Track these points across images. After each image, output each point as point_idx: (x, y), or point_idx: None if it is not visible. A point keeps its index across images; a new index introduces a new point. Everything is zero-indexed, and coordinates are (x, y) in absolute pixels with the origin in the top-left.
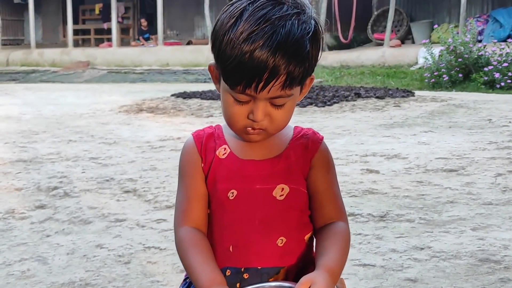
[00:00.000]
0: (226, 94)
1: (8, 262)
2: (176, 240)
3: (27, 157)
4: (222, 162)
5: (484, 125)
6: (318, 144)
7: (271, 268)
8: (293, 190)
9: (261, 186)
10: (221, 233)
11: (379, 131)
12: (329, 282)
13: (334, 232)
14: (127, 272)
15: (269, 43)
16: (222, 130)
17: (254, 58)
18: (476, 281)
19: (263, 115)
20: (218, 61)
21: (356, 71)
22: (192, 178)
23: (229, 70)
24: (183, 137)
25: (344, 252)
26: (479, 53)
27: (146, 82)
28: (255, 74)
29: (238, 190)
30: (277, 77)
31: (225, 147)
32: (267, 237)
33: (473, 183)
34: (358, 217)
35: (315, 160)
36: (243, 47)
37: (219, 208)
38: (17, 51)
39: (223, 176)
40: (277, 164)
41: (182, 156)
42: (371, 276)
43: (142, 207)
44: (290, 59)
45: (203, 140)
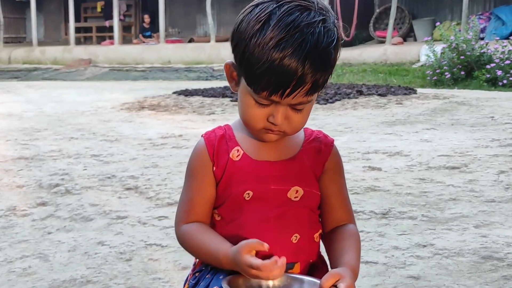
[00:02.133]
0: (247, 96)
1: (9, 259)
2: (178, 237)
3: (29, 155)
4: (236, 165)
5: (487, 122)
6: (330, 148)
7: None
8: (306, 192)
9: (276, 186)
10: (238, 233)
11: (381, 129)
12: (353, 279)
13: (349, 234)
14: (128, 269)
15: (299, 51)
16: (232, 130)
17: (283, 66)
18: (479, 278)
19: (283, 119)
20: (243, 64)
21: (358, 69)
22: (200, 181)
23: (256, 75)
24: (184, 135)
25: (359, 253)
26: (481, 51)
27: (148, 80)
28: (283, 81)
29: (253, 190)
30: (303, 85)
31: (238, 148)
32: (283, 234)
33: (475, 181)
34: (360, 214)
35: (328, 164)
36: (273, 54)
37: (235, 210)
38: (19, 49)
39: (239, 178)
40: (291, 166)
41: (192, 158)
42: (373, 273)
43: (144, 204)
44: (317, 68)
45: (215, 144)
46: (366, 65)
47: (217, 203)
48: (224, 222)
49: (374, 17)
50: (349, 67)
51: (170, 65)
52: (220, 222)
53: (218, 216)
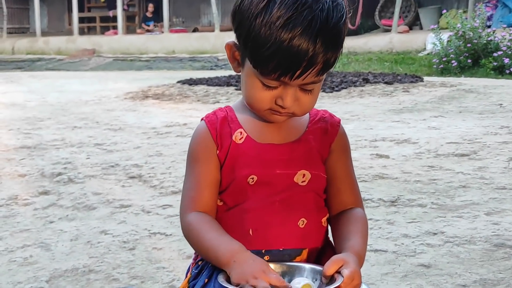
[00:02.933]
0: (252, 78)
1: (11, 249)
2: (183, 225)
3: (31, 144)
4: (239, 148)
5: (495, 109)
6: (337, 128)
7: (293, 249)
8: (314, 176)
9: (282, 171)
10: (242, 218)
11: (388, 116)
12: (358, 264)
13: (355, 218)
14: (132, 258)
15: (309, 30)
16: (234, 112)
17: (293, 46)
18: (492, 266)
19: (293, 101)
20: (248, 45)
21: (363, 58)
22: (205, 164)
23: (264, 57)
24: (189, 123)
25: (366, 239)
26: (488, 39)
27: (152, 69)
28: (293, 63)
29: (258, 175)
30: (315, 66)
31: (241, 131)
32: (289, 218)
33: (485, 168)
34: (369, 202)
35: (335, 145)
36: (281, 34)
37: (239, 194)
38: (23, 39)
39: (242, 162)
40: (297, 149)
41: (194, 142)
42: (383, 261)
43: (148, 192)
44: (328, 46)
45: (217, 126)
46: (371, 54)
47: (220, 188)
48: (226, 207)
49: (380, 6)
50: (355, 56)
51: (175, 54)
52: (222, 207)
53: (220, 201)
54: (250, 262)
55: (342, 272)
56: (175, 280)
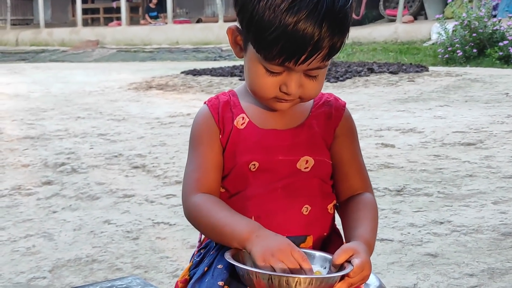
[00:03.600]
0: (255, 64)
1: (13, 239)
2: (189, 206)
3: (35, 134)
4: (241, 133)
5: (501, 99)
6: (341, 112)
7: (297, 237)
8: (318, 162)
9: (284, 157)
10: (243, 205)
11: (394, 106)
12: (368, 253)
13: (364, 203)
14: (135, 248)
15: (315, 13)
16: (237, 97)
17: (298, 31)
18: (500, 255)
19: (297, 88)
20: (251, 29)
21: (368, 48)
22: (209, 147)
23: (268, 41)
24: (192, 113)
25: (376, 225)
26: (494, 28)
27: (155, 60)
28: (298, 47)
29: (259, 161)
30: (320, 51)
31: (243, 116)
32: (291, 205)
33: (492, 157)
34: (374, 191)
35: (340, 129)
36: (286, 18)
37: (240, 180)
38: (26, 31)
39: (243, 148)
40: (300, 134)
41: (197, 125)
42: (389, 251)
43: (151, 182)
44: (334, 31)
45: (219, 110)
46: (376, 44)
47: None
48: (228, 194)
49: None
50: (359, 46)
51: (178, 45)
52: (224, 194)
53: (222, 188)
54: (273, 236)
55: (353, 262)
56: (178, 270)
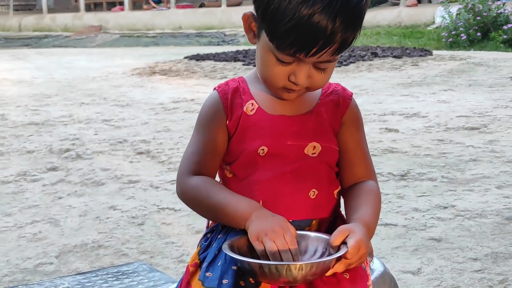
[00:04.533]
0: (267, 52)
1: (20, 225)
2: (186, 188)
3: (39, 120)
4: (250, 119)
5: (506, 83)
6: (348, 101)
7: (303, 220)
8: (325, 148)
9: (293, 142)
10: (251, 189)
11: (397, 90)
12: (366, 234)
13: (366, 190)
14: (141, 233)
15: (330, 8)
16: (246, 83)
17: (312, 23)
18: (503, 240)
19: (306, 78)
20: (266, 19)
21: (371, 32)
22: (212, 133)
23: (281, 31)
24: (196, 99)
25: (377, 210)
26: (498, 11)
27: (159, 45)
28: (311, 40)
29: (268, 146)
30: (332, 45)
31: (253, 102)
32: (299, 189)
33: (496, 141)
34: (378, 176)
35: (346, 118)
36: (301, 10)
37: (249, 165)
38: (29, 16)
39: (253, 134)
40: (308, 121)
41: (204, 110)
42: (393, 235)
43: (156, 168)
44: (347, 26)
45: (229, 96)
46: (380, 28)
47: (229, 159)
48: (237, 179)
49: None
50: (363, 30)
51: (181, 30)
52: (233, 179)
53: (230, 173)
54: (270, 217)
55: (348, 242)
56: (184, 255)
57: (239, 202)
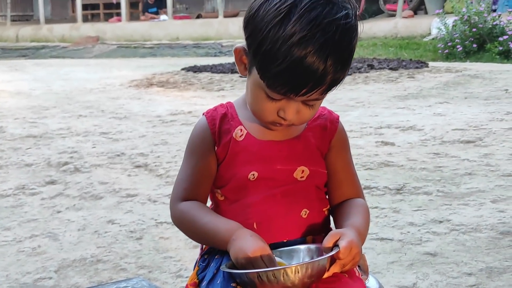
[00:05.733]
0: (257, 88)
1: (19, 239)
2: (175, 214)
3: (37, 133)
4: (239, 144)
5: (501, 95)
6: (336, 125)
7: (297, 239)
8: (313, 171)
9: (282, 167)
10: (244, 212)
11: (394, 103)
12: (357, 236)
13: (355, 203)
14: (139, 248)
15: (321, 51)
16: (235, 109)
17: (304, 65)
18: (498, 254)
19: (294, 115)
20: (258, 58)
21: (368, 43)
22: (202, 158)
23: (273, 72)
24: (194, 111)
25: (367, 220)
26: (494, 23)
27: (156, 56)
28: (302, 81)
29: (258, 171)
30: (322, 85)
31: (241, 128)
32: (291, 210)
33: (491, 155)
34: (374, 190)
35: (334, 141)
36: (293, 52)
37: (240, 189)
38: (27, 27)
39: (243, 159)
40: (297, 145)
41: (193, 136)
42: (389, 250)
43: (154, 182)
44: (337, 68)
45: (217, 122)
46: (376, 39)
47: (219, 184)
48: (229, 201)
49: None
50: (359, 41)
51: (178, 41)
52: (225, 201)
53: (222, 196)
54: (248, 238)
55: (339, 243)
56: (182, 270)
57: (219, 226)
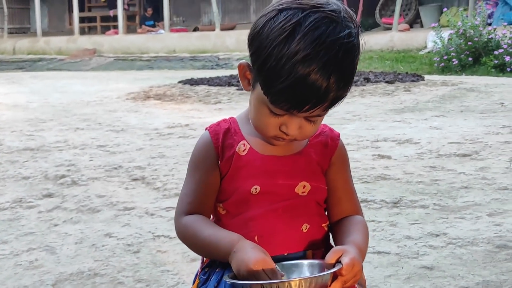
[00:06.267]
0: (261, 104)
1: (16, 252)
2: (179, 228)
3: (34, 146)
4: (242, 159)
5: (497, 109)
6: (337, 142)
7: (298, 253)
8: (314, 187)
9: (284, 181)
10: (246, 225)
11: (390, 116)
12: (359, 255)
13: (355, 221)
14: (136, 261)
15: (324, 69)
16: (237, 124)
17: (308, 83)
18: (495, 268)
19: (297, 130)
20: (262, 73)
21: (364, 56)
22: (205, 173)
23: (277, 89)
24: (191, 124)
25: (367, 238)
26: (489, 36)
27: (153, 69)
28: (305, 98)
29: (261, 185)
30: (325, 102)
31: (244, 142)
32: (292, 224)
33: (487, 168)
34: (371, 203)
35: (335, 158)
36: (298, 69)
37: (242, 203)
38: (24, 39)
39: (246, 173)
40: (298, 161)
41: (197, 150)
42: (386, 263)
43: (151, 195)
44: (340, 85)
45: (220, 137)
46: (372, 52)
47: (221, 198)
48: (230, 215)
49: (380, 4)
50: None
51: (175, 54)
52: (226, 215)
53: (223, 210)
54: (249, 249)
55: (342, 260)
56: (179, 284)
57: (221, 238)
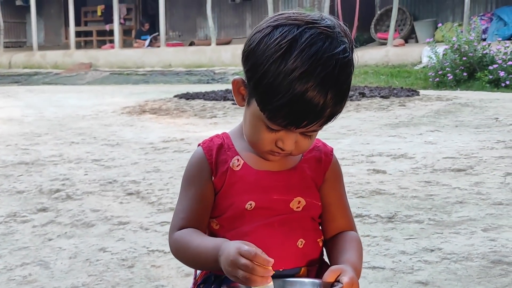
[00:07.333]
0: (257, 119)
1: (10, 267)
2: (172, 244)
3: (29, 160)
4: (236, 174)
5: (491, 124)
6: (330, 157)
7: (293, 269)
8: (309, 203)
9: (279, 197)
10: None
11: (385, 131)
12: (355, 275)
13: (350, 237)
14: (130, 276)
15: (321, 86)
16: (230, 139)
17: (305, 99)
18: (489, 283)
19: (293, 145)
20: (258, 90)
21: (359, 71)
22: (199, 189)
23: (274, 106)
24: (186, 138)
25: (361, 255)
26: (484, 52)
27: (148, 83)
28: (302, 114)
29: (256, 201)
30: (321, 118)
31: (238, 158)
32: (288, 239)
33: (482, 183)
34: (366, 218)
35: (329, 174)
36: (295, 86)
37: (237, 219)
38: (20, 53)
39: (240, 189)
40: (293, 176)
41: (190, 166)
42: (380, 279)
43: (146, 209)
44: (336, 101)
45: (213, 153)
46: (367, 67)
47: (216, 213)
48: (224, 229)
49: (375, 19)
50: None
51: (171, 68)
52: (220, 230)
53: (217, 225)
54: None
55: (341, 280)
56: None
57: (208, 246)
